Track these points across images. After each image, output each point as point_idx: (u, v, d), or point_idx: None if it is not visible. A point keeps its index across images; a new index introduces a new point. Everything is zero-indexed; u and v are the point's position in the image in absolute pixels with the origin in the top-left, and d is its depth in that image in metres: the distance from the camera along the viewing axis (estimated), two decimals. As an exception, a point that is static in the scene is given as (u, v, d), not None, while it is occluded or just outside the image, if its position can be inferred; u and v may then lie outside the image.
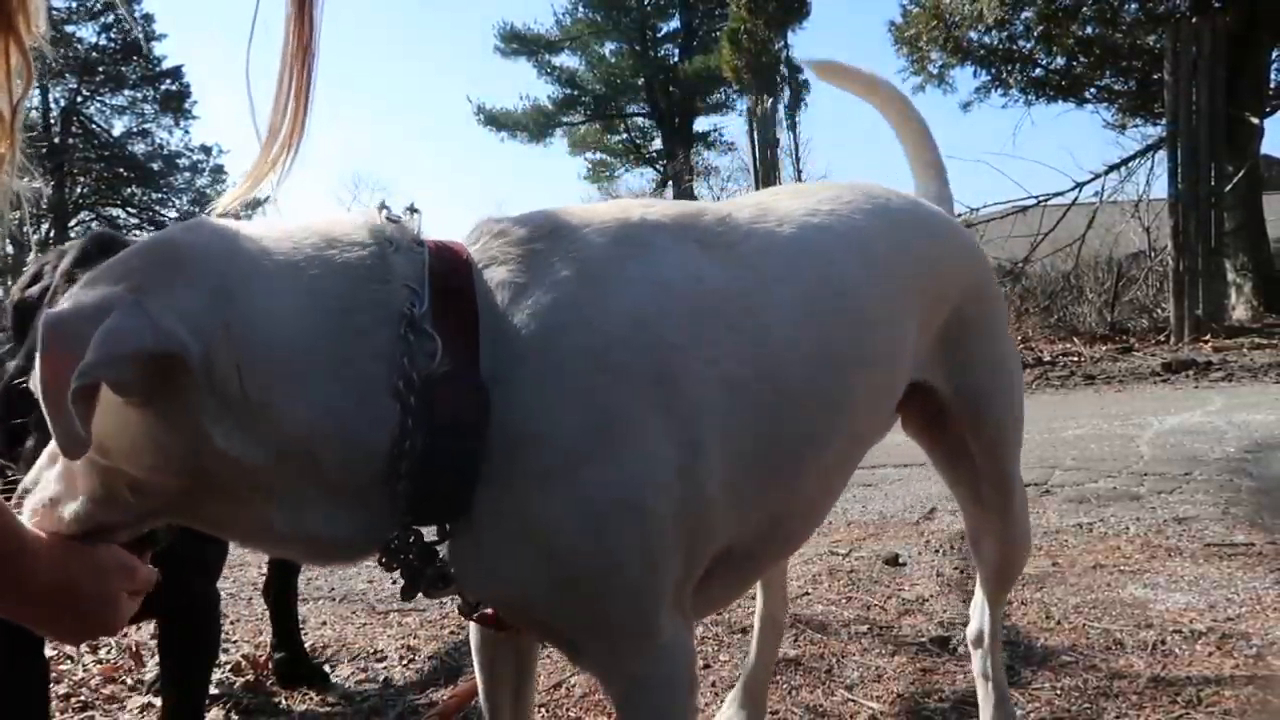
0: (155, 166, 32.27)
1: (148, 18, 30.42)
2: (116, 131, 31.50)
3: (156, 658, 2.23)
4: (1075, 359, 10.85)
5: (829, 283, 1.37)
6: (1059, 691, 2.28)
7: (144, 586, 1.17)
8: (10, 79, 1.07)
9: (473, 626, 1.47)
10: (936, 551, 3.54)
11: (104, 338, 0.94)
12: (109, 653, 2.89)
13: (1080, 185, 14.57)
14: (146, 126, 32.21)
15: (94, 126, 30.94)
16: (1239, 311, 13.55)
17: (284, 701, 2.55)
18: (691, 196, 25.50)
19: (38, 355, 0.96)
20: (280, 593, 2.65)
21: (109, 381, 0.96)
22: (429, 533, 1.15)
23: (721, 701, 2.30)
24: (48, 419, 0.95)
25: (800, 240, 1.38)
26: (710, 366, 1.20)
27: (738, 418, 1.21)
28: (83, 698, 2.58)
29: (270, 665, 2.66)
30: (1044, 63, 17.08)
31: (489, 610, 1.28)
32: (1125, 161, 14.77)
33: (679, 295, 1.21)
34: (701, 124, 33.74)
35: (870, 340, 1.40)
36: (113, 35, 30.28)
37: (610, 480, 1.11)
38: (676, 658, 1.23)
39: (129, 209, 32.00)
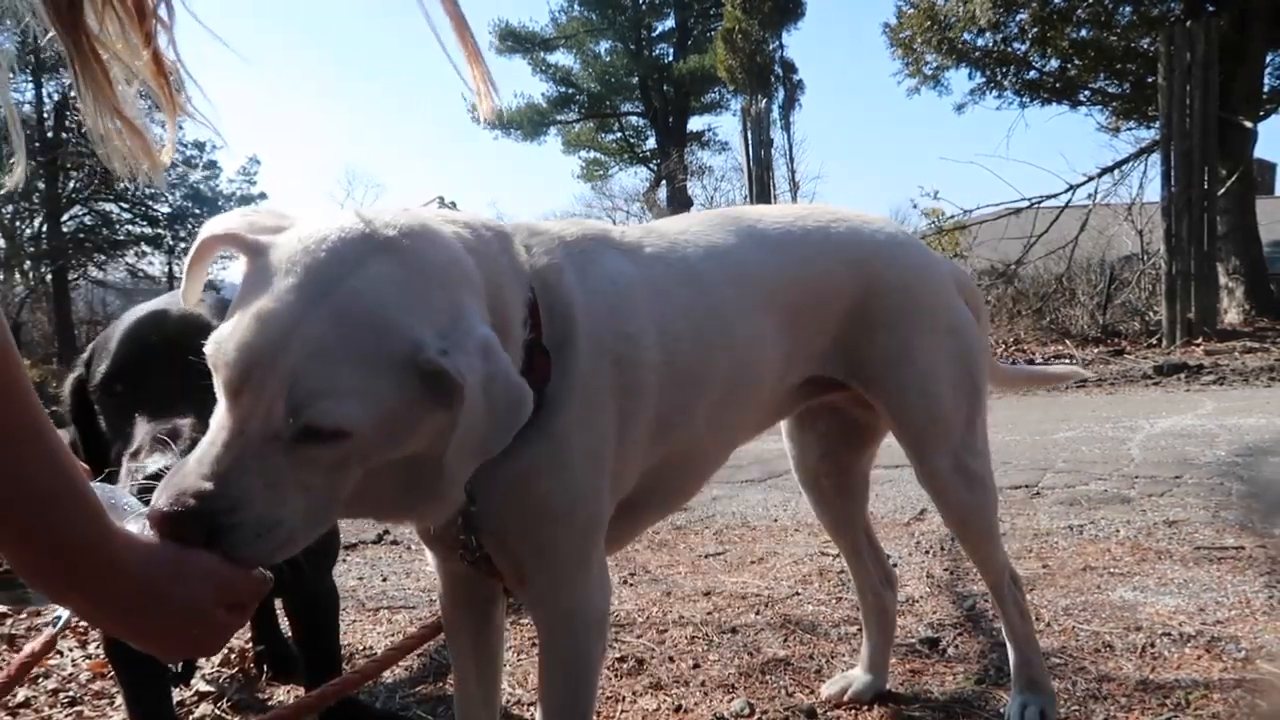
0: (148, 161, 32.07)
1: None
2: (110, 126, 31.29)
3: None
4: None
5: (696, 284, 1.62)
6: (1048, 693, 2.28)
7: (247, 599, 1.12)
8: None
9: (447, 609, 1.70)
10: (927, 553, 3.55)
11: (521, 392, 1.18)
12: (98, 648, 2.88)
13: (1074, 187, 14.63)
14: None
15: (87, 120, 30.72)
16: (1231, 315, 13.60)
17: (273, 697, 2.55)
18: (685, 195, 25.46)
19: (497, 418, 1.14)
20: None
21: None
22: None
23: (711, 700, 2.31)
24: (469, 465, 1.16)
25: (675, 252, 1.65)
26: (647, 352, 1.48)
27: (654, 393, 1.50)
28: (71, 693, 2.57)
29: (257, 660, 2.65)
30: (1038, 65, 17.13)
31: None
32: (1119, 164, 14.83)
33: (628, 293, 1.50)
34: (696, 123, 33.78)
35: (729, 330, 1.64)
36: (107, 29, 30.10)
37: (585, 444, 1.41)
38: (601, 589, 1.51)
39: (121, 203, 31.84)
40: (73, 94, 1.14)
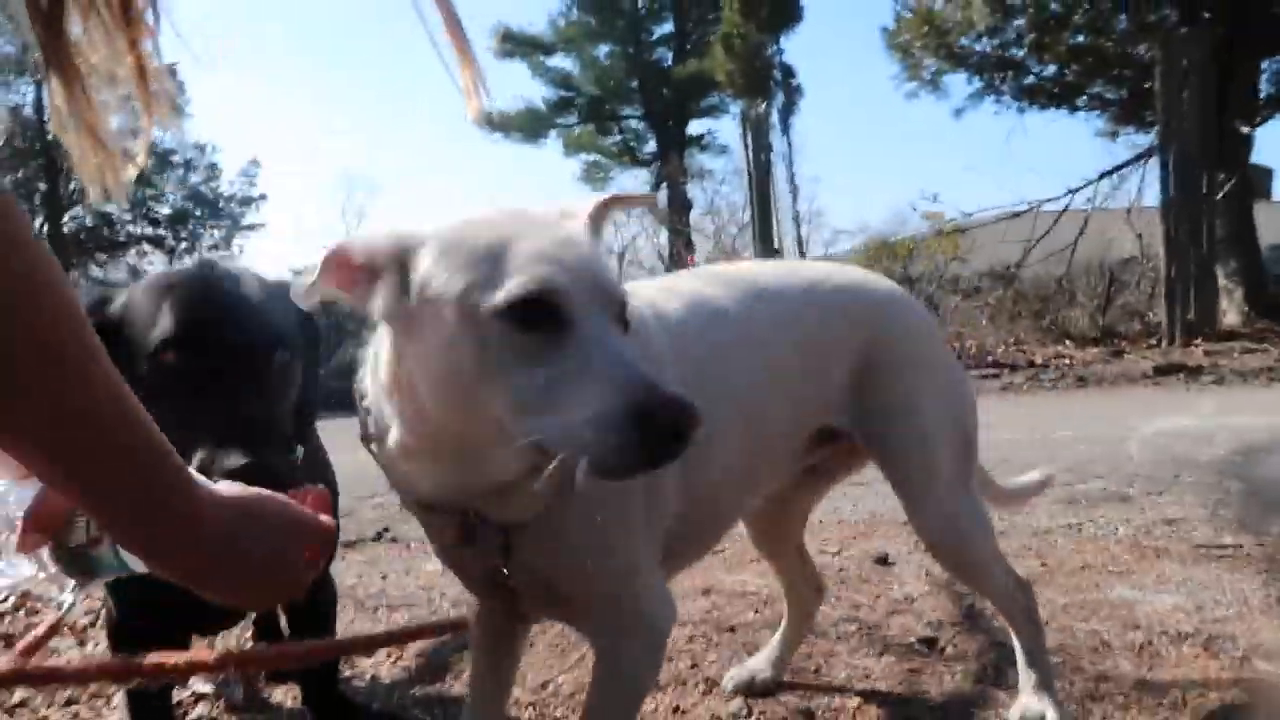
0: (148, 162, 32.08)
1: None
2: (110, 127, 31.27)
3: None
4: (1067, 362, 10.88)
5: (705, 350, 1.70)
6: (1046, 692, 2.28)
7: (326, 539, 1.13)
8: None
9: (475, 618, 1.79)
10: (926, 552, 3.53)
11: None
12: (95, 647, 2.88)
13: (1073, 191, 14.64)
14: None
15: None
16: (1230, 316, 13.61)
17: (272, 697, 2.55)
18: (685, 199, 25.43)
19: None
20: None
21: None
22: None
23: (709, 700, 2.32)
24: None
25: (687, 317, 1.71)
26: None
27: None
28: (67, 693, 2.57)
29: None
30: (1036, 71, 17.11)
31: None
32: (1117, 169, 14.85)
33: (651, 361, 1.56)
34: (695, 127, 33.68)
35: (739, 390, 1.72)
36: (106, 31, 30.08)
37: (614, 508, 1.49)
38: (651, 625, 1.59)
39: (122, 204, 31.85)
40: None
